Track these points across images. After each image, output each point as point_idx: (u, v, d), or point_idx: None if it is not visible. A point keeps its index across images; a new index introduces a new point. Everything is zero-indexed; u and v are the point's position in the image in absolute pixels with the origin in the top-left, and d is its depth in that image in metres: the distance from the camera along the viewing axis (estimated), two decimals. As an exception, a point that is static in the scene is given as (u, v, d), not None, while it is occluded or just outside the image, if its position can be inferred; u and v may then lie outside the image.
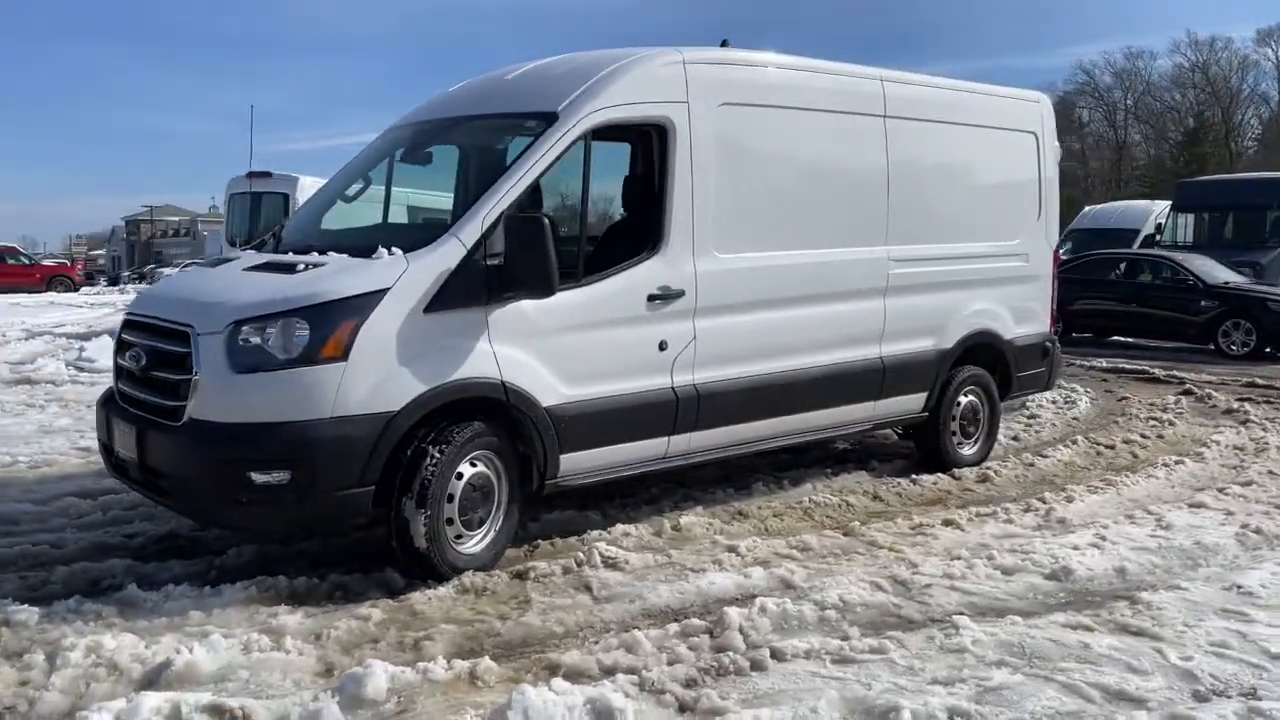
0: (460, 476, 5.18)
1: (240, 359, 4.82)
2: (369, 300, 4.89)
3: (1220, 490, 7.15)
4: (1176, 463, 7.98)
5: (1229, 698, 3.99)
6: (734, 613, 4.60)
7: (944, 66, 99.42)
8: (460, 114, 6.32)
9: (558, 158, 5.50)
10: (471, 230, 5.16)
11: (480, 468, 5.28)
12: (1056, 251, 8.41)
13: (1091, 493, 7.06)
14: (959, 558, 5.57)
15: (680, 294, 5.88)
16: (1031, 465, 7.98)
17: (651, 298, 5.78)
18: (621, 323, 5.70)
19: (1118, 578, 5.37)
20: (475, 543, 5.30)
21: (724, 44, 6.63)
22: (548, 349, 5.42)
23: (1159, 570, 5.51)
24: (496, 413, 5.31)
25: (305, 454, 4.76)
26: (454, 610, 4.82)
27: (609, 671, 4.13)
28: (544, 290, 5.18)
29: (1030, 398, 10.83)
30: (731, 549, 5.66)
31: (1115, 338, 18.38)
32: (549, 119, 5.57)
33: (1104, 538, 5.96)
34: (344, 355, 4.81)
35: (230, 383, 4.83)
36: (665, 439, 5.99)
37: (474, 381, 5.15)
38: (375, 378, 4.87)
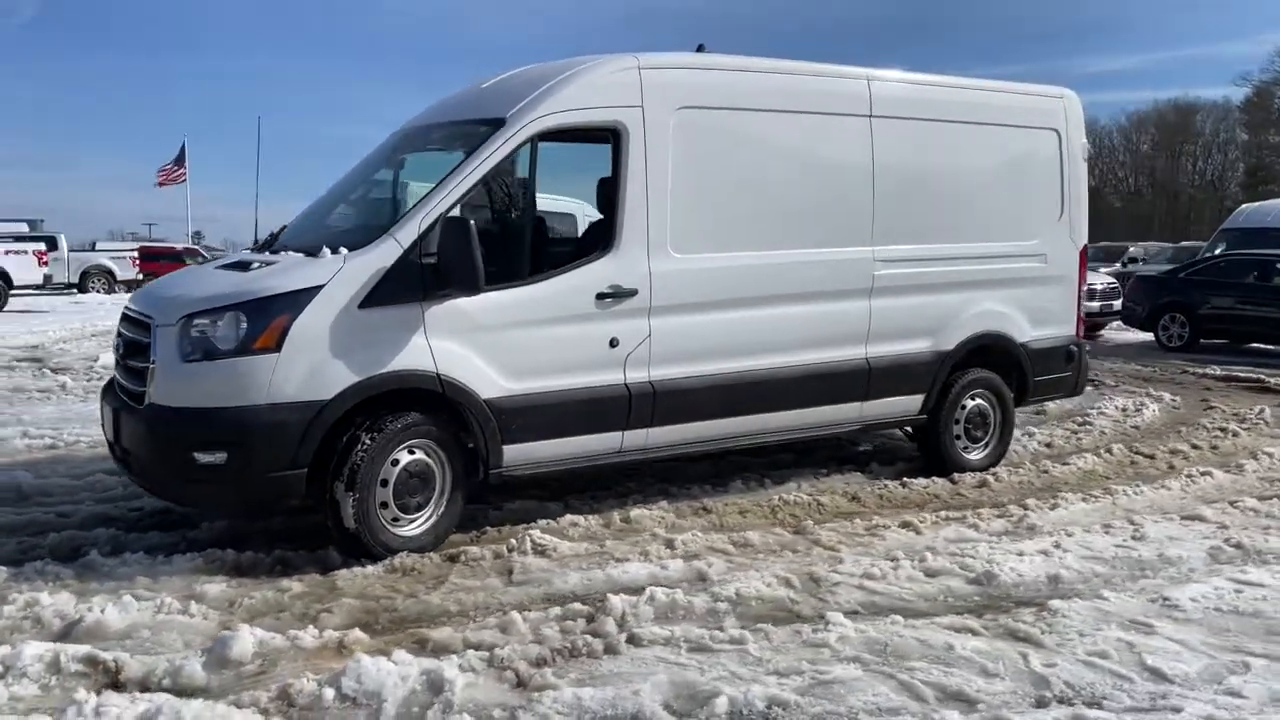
0: (396, 463, 5.51)
1: (188, 349, 5.29)
2: (303, 296, 5.28)
3: (1231, 503, 6.81)
4: (1203, 474, 7.62)
5: (1069, 705, 3.92)
6: (617, 600, 4.77)
7: (1130, 58, 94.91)
8: (436, 120, 6.67)
9: (499, 162, 5.78)
10: (409, 231, 5.49)
11: (419, 456, 5.60)
12: (1083, 252, 8.12)
13: (1084, 501, 6.85)
14: (893, 559, 5.55)
15: (633, 293, 6.06)
16: (1045, 472, 7.76)
17: (601, 296, 5.98)
18: (568, 320, 5.92)
19: (1046, 585, 5.26)
20: (413, 526, 5.62)
21: (699, 49, 6.77)
22: (489, 344, 5.69)
23: (1095, 579, 5.36)
24: (436, 404, 5.62)
25: (240, 437, 5.20)
26: (370, 587, 5.15)
27: (473, 647, 4.38)
28: (470, 288, 5.45)
29: (1094, 404, 10.49)
30: (668, 542, 5.80)
31: (1254, 345, 17.35)
32: (496, 124, 5.85)
33: (1059, 545, 5.81)
34: (277, 347, 5.21)
35: (180, 371, 5.31)
36: (619, 434, 6.17)
37: (407, 373, 5.47)
38: (307, 368, 5.26)
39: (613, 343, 6.05)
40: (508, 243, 6.00)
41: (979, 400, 7.71)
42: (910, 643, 4.44)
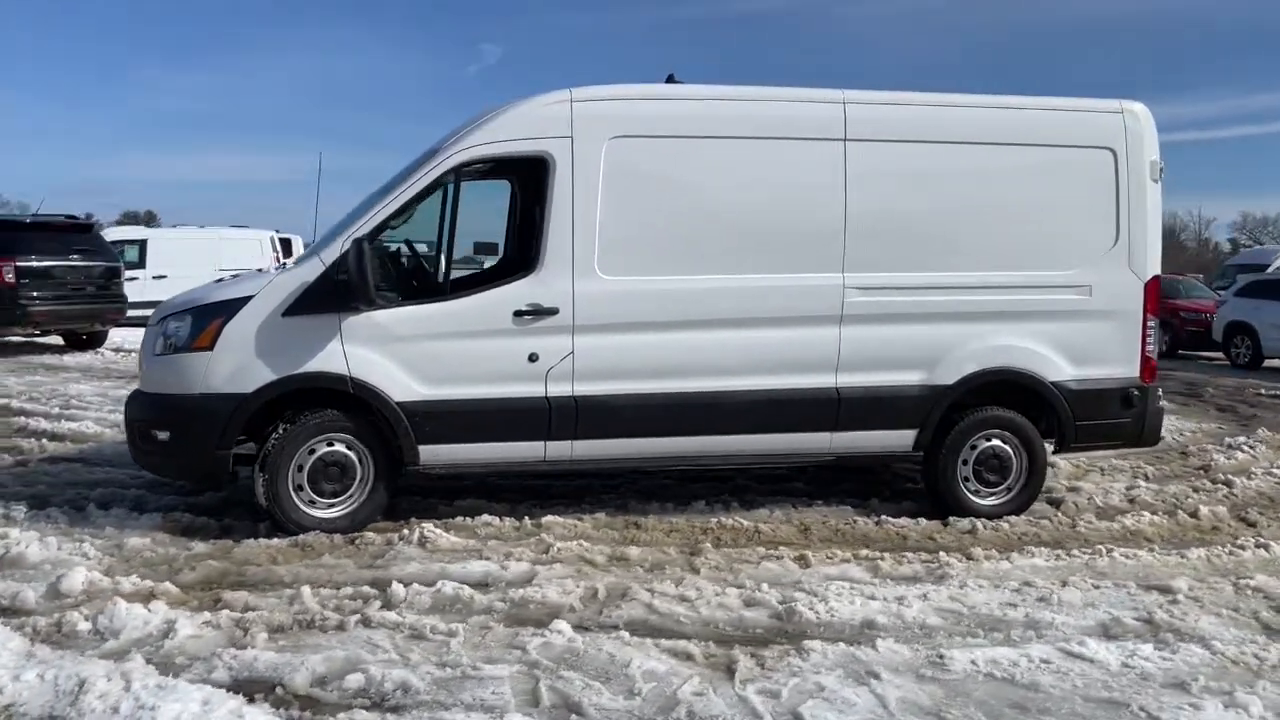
0: (313, 452, 6.32)
1: (159, 345, 6.44)
2: (236, 304, 6.25)
3: (1236, 579, 5.87)
4: (1260, 545, 6.56)
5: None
6: (399, 588, 5.25)
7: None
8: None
9: (423, 189, 6.43)
10: (332, 250, 6.29)
11: (338, 448, 6.37)
12: (1152, 284, 7.22)
13: (1053, 559, 6.22)
14: (737, 586, 5.52)
15: (553, 311, 6.44)
16: (1072, 526, 7.04)
17: (519, 313, 6.42)
18: (484, 334, 6.41)
19: (848, 628, 5.01)
20: (330, 509, 6.39)
21: (669, 79, 6.99)
22: (404, 352, 6.33)
23: (912, 629, 5.02)
24: (355, 404, 6.35)
25: (179, 419, 6.26)
26: (253, 555, 5.97)
27: (250, 609, 5.06)
28: (365, 302, 6.14)
29: (1260, 462, 9.17)
30: (546, 548, 6.12)
31: None
32: (431, 155, 6.50)
33: (927, 597, 5.44)
34: (211, 346, 6.21)
35: (152, 362, 6.49)
36: (541, 443, 6.56)
37: (320, 374, 6.25)
38: (234, 365, 6.20)
39: (532, 357, 6.45)
40: (428, 261, 6.59)
41: (995, 442, 7.15)
42: (600, 656, 4.54)
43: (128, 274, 18.33)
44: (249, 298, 6.27)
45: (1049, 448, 7.39)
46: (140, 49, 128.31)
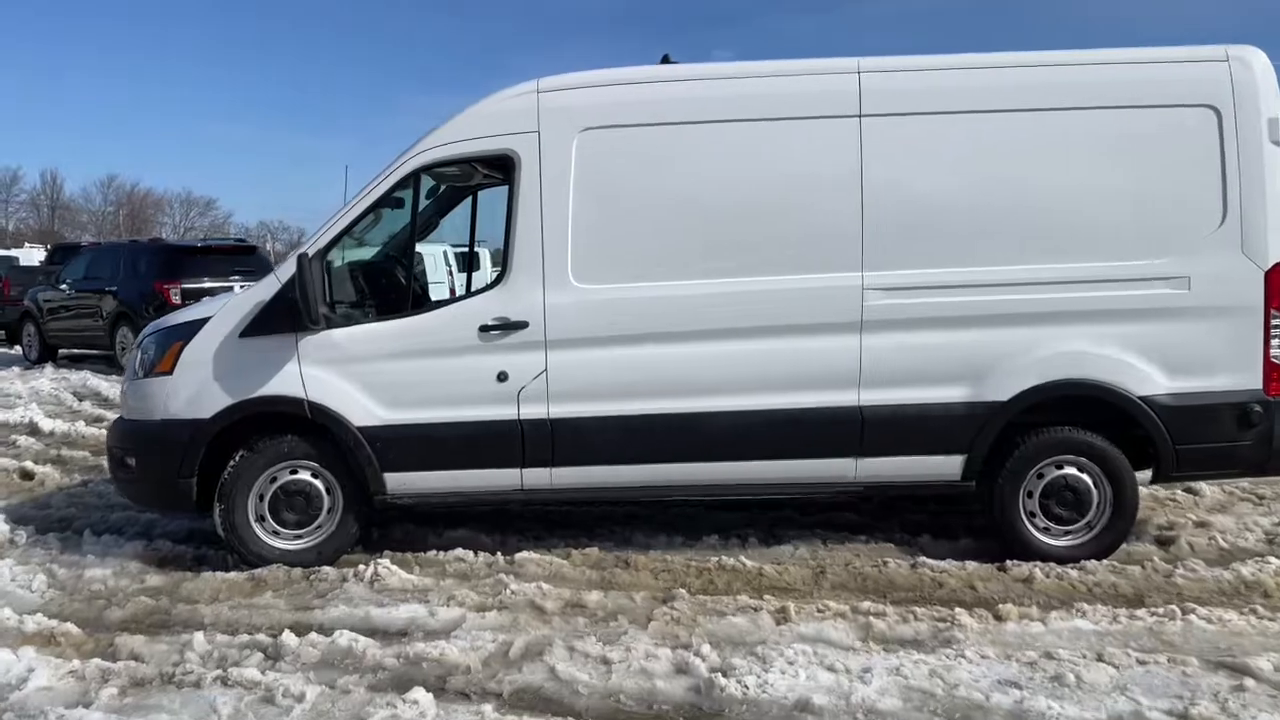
0: (274, 481, 5.95)
1: (135, 370, 6.26)
2: (194, 326, 5.99)
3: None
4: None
5: None
6: (291, 640, 4.77)
7: None
8: None
9: (380, 197, 5.94)
10: (288, 268, 5.90)
11: (302, 476, 5.97)
12: (1275, 272, 5.75)
13: (1113, 620, 4.97)
14: (680, 647, 4.68)
15: (523, 325, 5.80)
16: (1167, 576, 5.66)
17: (485, 328, 5.82)
18: (448, 353, 5.85)
19: (774, 710, 4.11)
20: (296, 541, 6.00)
21: (664, 60, 6.20)
22: (363, 374, 5.86)
23: (853, 713, 4.05)
24: (316, 430, 5.94)
25: (141, 446, 6.06)
26: (199, 591, 5.66)
27: (133, 658, 4.72)
28: (310, 321, 5.68)
29: None
30: (499, 589, 5.49)
31: None
32: (394, 161, 6.01)
33: (899, 669, 4.42)
34: (171, 370, 5.97)
35: (129, 388, 6.32)
36: (516, 471, 5.93)
37: (277, 398, 5.87)
38: (192, 390, 5.93)
39: (501, 376, 5.83)
40: (387, 276, 6.09)
41: (1069, 470, 5.90)
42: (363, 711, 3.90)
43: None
44: (206, 319, 5.99)
45: (1144, 476, 6.05)
46: (403, 76, 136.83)
